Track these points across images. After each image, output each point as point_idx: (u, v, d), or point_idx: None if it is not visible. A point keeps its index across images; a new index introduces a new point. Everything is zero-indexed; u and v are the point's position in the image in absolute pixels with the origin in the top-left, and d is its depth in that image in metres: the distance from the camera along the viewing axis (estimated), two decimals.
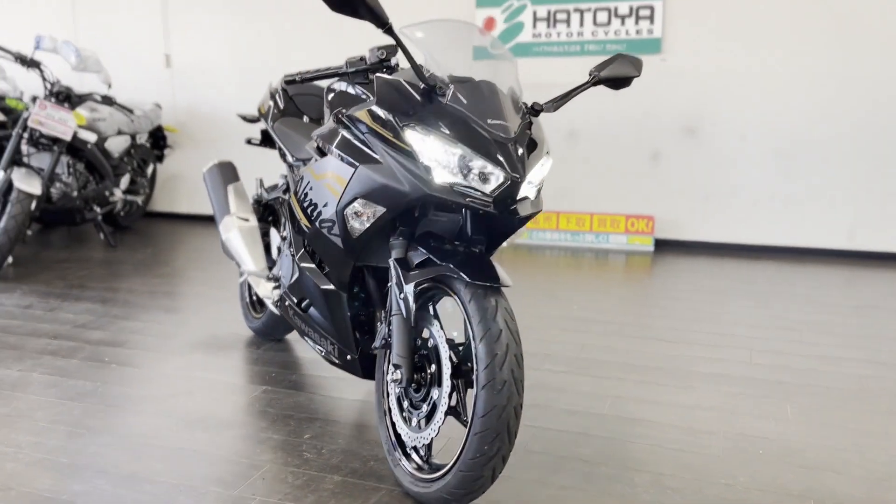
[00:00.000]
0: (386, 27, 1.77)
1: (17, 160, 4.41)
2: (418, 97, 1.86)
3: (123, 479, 2.07)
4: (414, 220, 1.99)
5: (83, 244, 5.22)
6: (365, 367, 2.27)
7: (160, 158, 5.87)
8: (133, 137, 5.43)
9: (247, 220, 2.88)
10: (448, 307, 2.00)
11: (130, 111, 5.10)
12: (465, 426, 1.79)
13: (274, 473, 2.10)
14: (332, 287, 2.22)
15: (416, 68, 1.85)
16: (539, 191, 1.97)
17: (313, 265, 2.30)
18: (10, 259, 4.52)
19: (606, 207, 5.04)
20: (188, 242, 5.18)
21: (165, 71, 5.93)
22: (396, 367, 1.92)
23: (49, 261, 4.70)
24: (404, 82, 1.90)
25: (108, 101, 4.78)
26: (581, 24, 4.85)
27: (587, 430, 2.36)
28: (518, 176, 1.80)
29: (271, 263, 2.93)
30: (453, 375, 1.86)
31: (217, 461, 2.18)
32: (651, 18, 4.72)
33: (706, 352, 3.06)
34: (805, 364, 2.94)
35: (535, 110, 1.99)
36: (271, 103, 2.91)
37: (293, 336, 3.19)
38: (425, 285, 1.95)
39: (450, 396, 1.86)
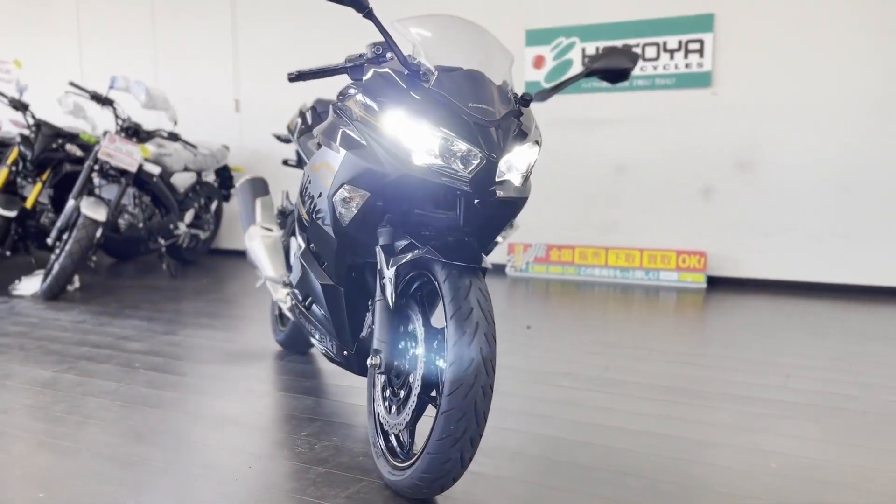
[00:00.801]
0: (366, 11, 1.82)
1: (89, 190, 4.71)
2: (402, 83, 1.90)
3: (115, 461, 2.11)
4: (401, 208, 2.00)
5: (148, 274, 5.47)
6: (361, 363, 2.26)
7: (226, 197, 6.14)
8: (199, 174, 5.72)
9: (270, 230, 2.96)
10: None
11: (195, 147, 5.39)
12: None
13: (263, 464, 2.10)
14: (330, 282, 2.24)
15: (399, 54, 1.89)
16: (525, 178, 1.95)
17: (314, 262, 2.33)
18: (77, 283, 4.79)
19: (657, 243, 4.91)
20: (246, 276, 5.34)
21: (234, 115, 6.26)
22: (376, 352, 1.91)
23: (112, 287, 4.95)
24: (391, 70, 1.94)
25: (173, 137, 5.07)
26: None
27: (590, 439, 2.26)
28: (495, 156, 1.79)
29: (289, 272, 2.98)
30: (430, 359, 1.83)
31: (212, 450, 2.20)
32: (700, 52, 4.67)
33: (738, 376, 2.90)
34: (844, 390, 2.73)
35: (524, 100, 1.99)
36: (299, 120, 3.02)
37: (316, 351, 3.22)
38: (412, 274, 1.95)
39: (424, 379, 1.83)
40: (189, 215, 5.70)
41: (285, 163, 3.32)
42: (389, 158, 1.84)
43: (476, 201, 1.88)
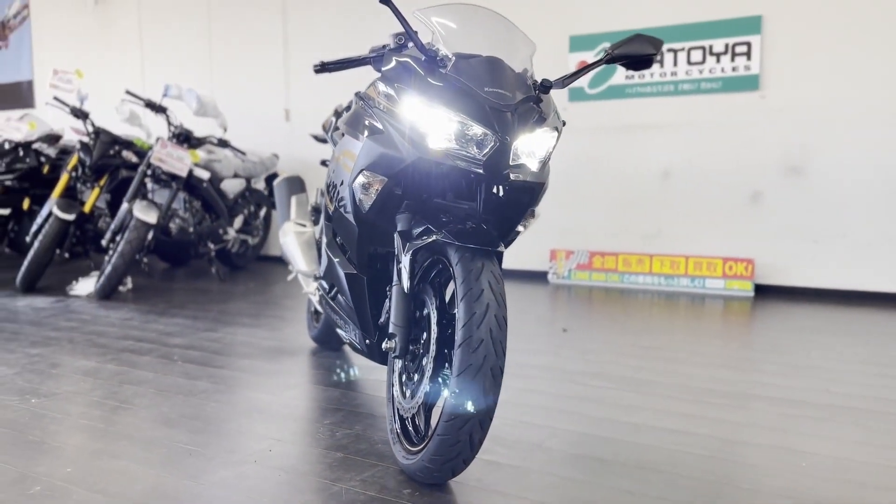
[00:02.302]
0: None
1: (142, 194, 4.88)
2: (419, 70, 1.91)
3: (142, 442, 2.17)
4: (420, 194, 2.01)
5: (197, 278, 5.61)
6: (382, 352, 2.27)
7: (276, 205, 6.26)
8: (248, 181, 5.86)
9: (303, 226, 3.01)
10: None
11: (244, 154, 5.52)
12: None
13: (282, 448, 2.12)
14: (353, 271, 2.26)
15: (416, 41, 1.91)
16: (543, 164, 1.94)
17: (339, 252, 2.36)
18: (129, 285, 4.96)
19: (703, 250, 4.80)
20: (292, 281, 5.43)
21: (285, 124, 6.40)
22: (391, 336, 1.92)
23: (162, 289, 5.10)
24: (409, 57, 1.96)
25: (223, 143, 5.21)
26: (675, 63, 4.77)
27: (613, 435, 2.21)
28: (508, 139, 1.79)
29: (319, 266, 3.03)
30: (443, 342, 1.83)
31: (236, 435, 2.23)
32: (748, 55, 4.57)
33: (776, 379, 2.80)
34: (890, 394, 2.60)
35: (544, 86, 1.98)
36: (334, 119, 3.07)
37: (349, 348, 3.25)
38: (429, 260, 1.95)
39: (437, 361, 1.83)
40: (238, 221, 5.84)
41: (323, 163, 3.37)
42: (406, 143, 1.86)
43: (493, 186, 1.89)
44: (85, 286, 4.86)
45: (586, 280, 5.09)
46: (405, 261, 1.91)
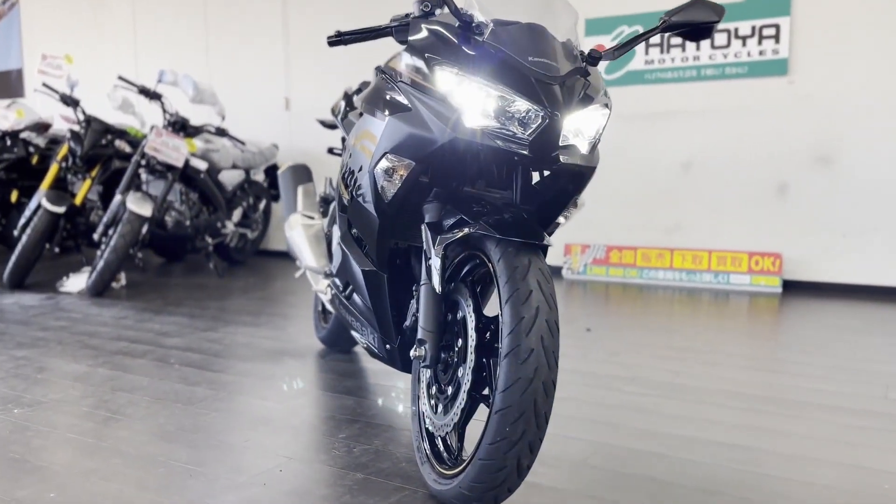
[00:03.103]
0: None
1: (136, 186, 4.63)
2: (453, 38, 1.67)
3: (137, 460, 1.93)
4: (450, 181, 1.78)
5: (194, 273, 5.37)
6: (405, 358, 2.04)
7: (276, 197, 6.02)
8: (247, 173, 5.61)
9: (311, 218, 2.77)
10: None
11: (243, 144, 5.27)
12: None
13: (295, 467, 1.88)
14: (371, 267, 2.02)
15: (450, 4, 1.67)
16: (593, 146, 1.70)
17: (355, 246, 2.13)
18: (123, 281, 4.71)
19: (727, 244, 4.57)
20: (293, 277, 5.19)
21: (284, 113, 6.15)
22: (421, 342, 1.68)
23: (157, 285, 4.85)
24: (439, 23, 1.72)
25: (221, 132, 4.96)
26: (697, 47, 4.53)
27: (665, 451, 1.98)
28: (558, 114, 1.56)
29: (330, 262, 2.79)
30: (482, 350, 1.59)
31: (241, 451, 2.00)
32: (776, 38, 4.33)
33: (828, 384, 2.57)
34: None
35: (592, 57, 1.75)
36: (343, 103, 2.83)
37: (360, 349, 3.01)
38: (462, 254, 1.72)
39: (476, 373, 1.59)
40: (237, 214, 5.60)
41: (331, 151, 3.14)
42: (437, 121, 1.62)
43: (530, 172, 1.66)
44: (76, 282, 4.61)
45: (603, 276, 4.86)
46: (436, 257, 1.67)
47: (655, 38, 4.68)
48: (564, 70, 1.62)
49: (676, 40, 4.61)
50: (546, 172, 1.76)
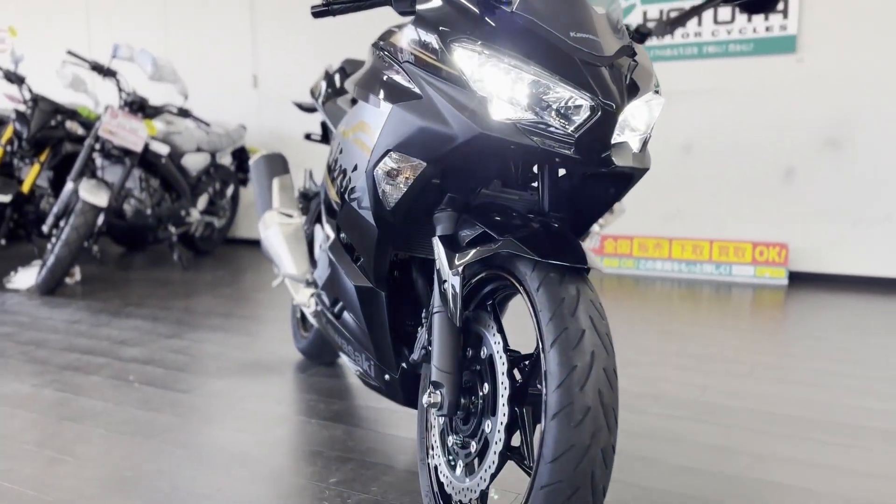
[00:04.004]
0: None
1: (90, 172, 4.22)
2: (474, 7, 1.34)
3: None
4: (467, 185, 1.46)
5: (157, 266, 4.97)
6: (407, 390, 1.73)
7: (244, 182, 5.62)
8: (213, 156, 5.20)
9: (290, 216, 2.42)
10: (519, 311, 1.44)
11: (208, 125, 4.87)
12: (531, 475, 1.21)
13: None
14: (367, 284, 1.70)
15: None
16: (645, 143, 1.39)
17: (346, 256, 1.80)
18: (78, 276, 4.30)
19: (729, 233, 4.31)
20: (265, 269, 4.83)
21: (252, 92, 5.73)
22: (436, 385, 1.36)
23: (116, 280, 4.45)
24: None
25: (184, 113, 4.55)
26: (699, 23, 4.23)
27: (712, 496, 1.70)
28: (613, 105, 1.23)
29: (313, 267, 2.45)
30: (514, 400, 1.28)
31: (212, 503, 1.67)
32: (784, 12, 4.05)
33: (870, 401, 2.32)
34: None
35: (640, 33, 1.43)
36: (324, 84, 2.48)
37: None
38: (482, 274, 1.40)
39: (509, 431, 1.28)
40: (202, 201, 5.20)
41: (308, 137, 2.78)
42: (457, 113, 1.29)
43: (575, 173, 1.34)
44: (25, 278, 4.18)
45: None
46: (453, 279, 1.35)
47: (653, 12, 4.36)
48: (611, 49, 1.30)
49: (676, 14, 4.29)
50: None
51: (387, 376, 1.73)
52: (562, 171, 1.48)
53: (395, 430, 2.08)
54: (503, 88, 1.26)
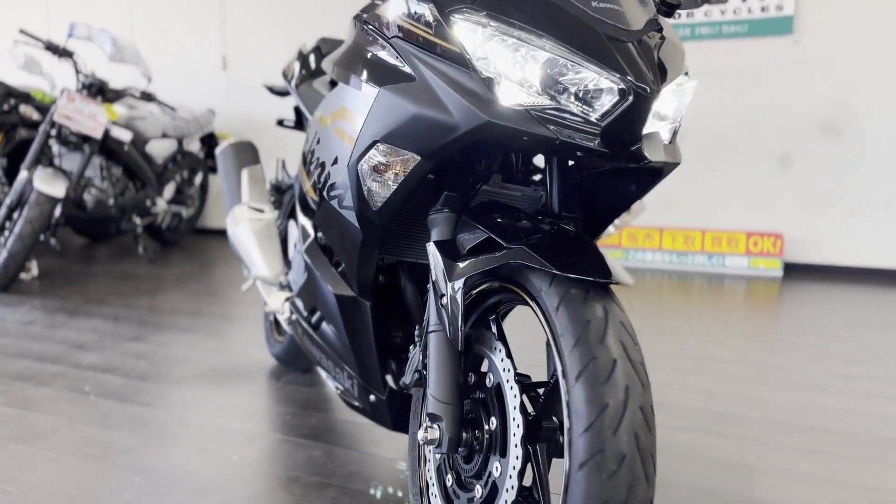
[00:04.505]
0: None
1: (47, 160, 3.94)
2: None
3: None
4: (466, 181, 1.26)
5: (121, 258, 4.70)
6: (396, 412, 1.53)
7: (213, 169, 5.35)
8: (180, 143, 4.93)
9: (261, 211, 2.20)
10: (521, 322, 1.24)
11: (174, 110, 4.59)
12: None
13: None
14: (349, 293, 1.49)
15: None
16: (675, 134, 1.20)
17: (325, 259, 1.59)
18: (34, 271, 4.03)
19: (722, 223, 4.16)
20: (237, 262, 4.59)
21: (222, 74, 5.45)
22: (433, 418, 1.17)
23: (77, 274, 4.19)
24: None
25: (147, 97, 4.28)
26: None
27: None
28: (646, 88, 1.04)
29: (288, 268, 2.23)
30: (528, 438, 1.08)
31: None
32: None
33: (891, 408, 2.16)
34: None
35: (667, 5, 1.23)
36: (297, 65, 2.25)
37: None
38: (484, 285, 1.20)
39: (520, 473, 1.09)
40: (169, 190, 4.93)
41: (280, 123, 2.55)
42: (459, 98, 1.08)
43: (597, 167, 1.15)
44: None
45: None
46: (453, 292, 1.15)
47: None
48: (638, 22, 1.10)
49: None
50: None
51: (372, 397, 1.53)
52: (570, 163, 1.28)
53: (381, 451, 1.88)
54: (513, 68, 1.06)
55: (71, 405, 2.21)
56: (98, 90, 4.08)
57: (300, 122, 2.46)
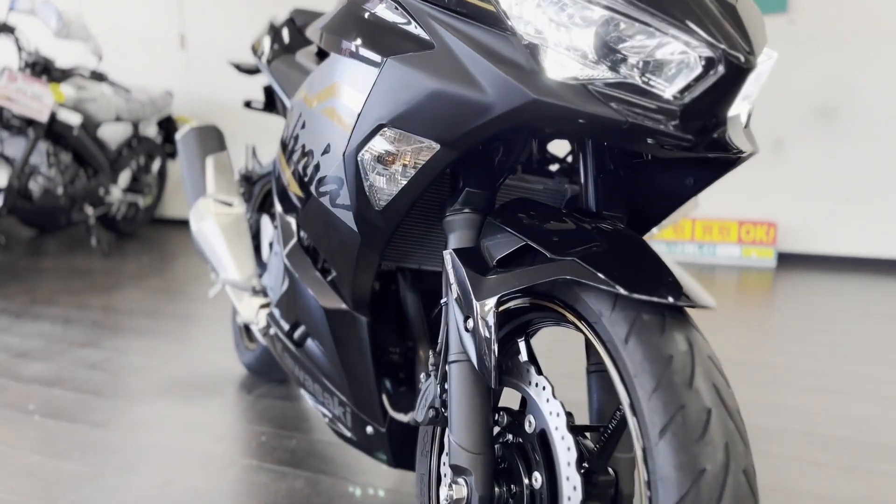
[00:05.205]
0: None
1: None
2: None
3: None
4: (492, 174, 1.03)
5: (73, 252, 4.37)
6: (397, 447, 1.29)
7: (172, 155, 5.02)
8: (136, 127, 4.59)
9: (229, 204, 1.93)
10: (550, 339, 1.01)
11: (128, 91, 4.26)
12: None
13: None
14: (341, 306, 1.25)
15: None
16: (749, 117, 0.98)
17: (311, 266, 1.34)
18: None
19: (713, 211, 3.99)
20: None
21: (180, 54, 5.11)
22: (459, 471, 0.94)
23: (24, 271, 3.85)
24: None
25: (98, 76, 3.95)
26: None
27: None
28: (741, 57, 0.81)
29: (262, 269, 1.98)
30: (593, 499, 0.86)
31: None
32: None
33: None
34: None
35: None
36: (269, 38, 1.99)
37: None
38: (511, 302, 0.98)
39: None
40: (124, 177, 4.60)
41: (248, 105, 2.29)
42: (493, 70, 0.85)
43: (608, 149, 0.94)
44: None
45: None
46: (481, 313, 0.91)
47: None
48: None
49: None
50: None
51: (369, 429, 1.29)
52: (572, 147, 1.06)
53: (374, 479, 1.65)
54: (563, 31, 0.82)
55: (10, 427, 1.93)
56: (43, 69, 3.74)
57: (271, 103, 2.20)
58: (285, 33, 2.00)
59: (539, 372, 0.95)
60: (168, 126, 4.93)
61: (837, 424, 1.93)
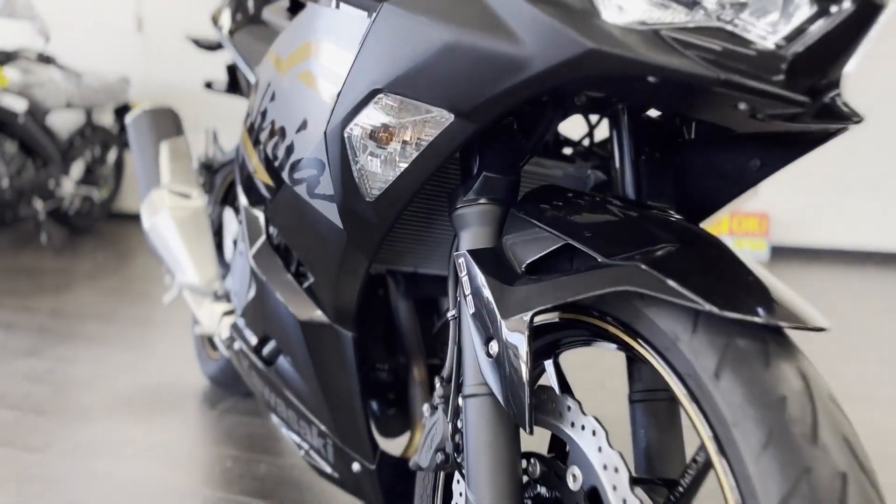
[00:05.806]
0: None
1: None
2: None
3: None
4: (511, 153, 0.82)
5: (22, 250, 4.06)
6: (387, 488, 1.07)
7: (129, 145, 4.72)
8: (89, 114, 4.29)
9: (187, 196, 1.69)
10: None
11: (79, 76, 3.96)
12: None
13: None
14: (321, 319, 1.03)
15: None
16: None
17: (283, 269, 1.11)
18: None
19: None
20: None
21: (136, 36, 4.80)
22: None
23: None
24: None
25: (45, 59, 3.65)
26: None
27: None
28: None
29: (225, 270, 1.74)
30: None
31: None
32: None
33: None
34: None
35: None
36: (231, 8, 1.74)
37: None
38: (538, 316, 0.76)
39: None
40: (77, 169, 4.30)
41: (209, 86, 2.05)
42: (535, 13, 0.63)
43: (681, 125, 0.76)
44: None
45: None
46: (508, 335, 0.70)
47: None
48: None
49: None
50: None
51: (356, 466, 1.07)
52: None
53: None
54: None
55: None
56: None
57: (234, 84, 1.96)
58: (250, 2, 1.76)
59: (581, 408, 0.74)
60: (125, 114, 4.62)
61: (885, 439, 1.75)
